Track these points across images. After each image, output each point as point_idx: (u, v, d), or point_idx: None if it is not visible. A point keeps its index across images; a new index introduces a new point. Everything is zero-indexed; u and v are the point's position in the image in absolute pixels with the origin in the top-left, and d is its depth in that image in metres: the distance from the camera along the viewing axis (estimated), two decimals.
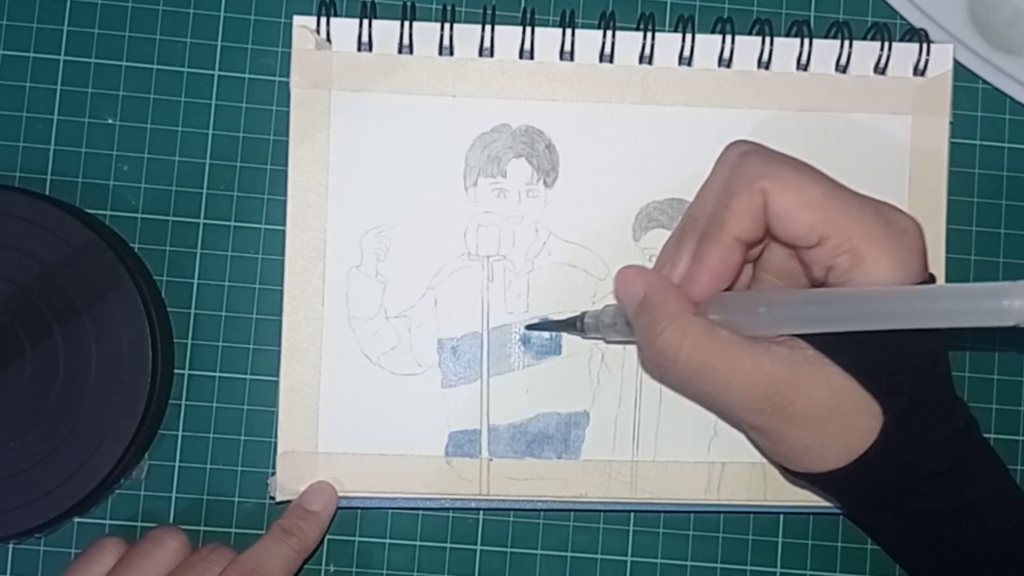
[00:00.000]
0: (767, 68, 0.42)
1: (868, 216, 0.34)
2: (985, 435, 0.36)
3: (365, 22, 0.41)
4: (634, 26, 0.42)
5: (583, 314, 0.41)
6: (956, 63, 0.43)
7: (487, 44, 0.42)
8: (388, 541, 0.43)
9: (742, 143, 0.36)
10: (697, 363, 0.34)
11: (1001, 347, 0.44)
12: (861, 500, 0.36)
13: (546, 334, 0.42)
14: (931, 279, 0.35)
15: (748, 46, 0.42)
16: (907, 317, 0.31)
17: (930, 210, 0.42)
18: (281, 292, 0.41)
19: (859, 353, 0.34)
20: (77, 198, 0.43)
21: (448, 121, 0.42)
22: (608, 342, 0.41)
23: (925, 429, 0.34)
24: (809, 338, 0.34)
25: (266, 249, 0.43)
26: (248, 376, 0.42)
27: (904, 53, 0.43)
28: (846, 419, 0.34)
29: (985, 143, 0.45)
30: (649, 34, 0.42)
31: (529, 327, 0.42)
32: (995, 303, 0.29)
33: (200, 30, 0.43)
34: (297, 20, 0.41)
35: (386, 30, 0.41)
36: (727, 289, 0.36)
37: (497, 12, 0.42)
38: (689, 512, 0.43)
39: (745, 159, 0.35)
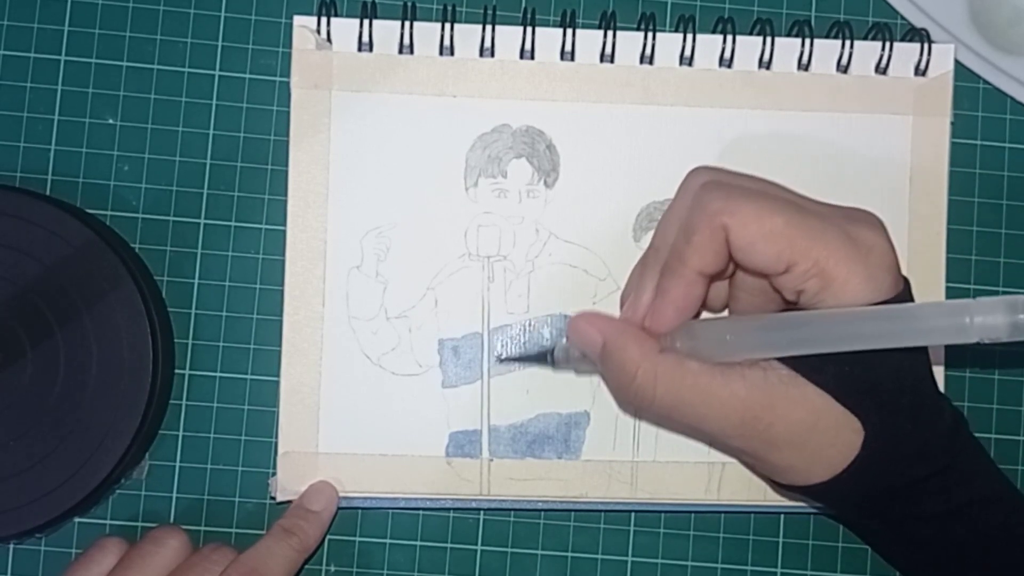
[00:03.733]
0: (768, 68, 0.42)
1: (834, 238, 0.33)
2: (985, 435, 0.36)
3: (365, 22, 0.41)
4: (635, 26, 0.42)
5: (553, 347, 0.40)
6: (957, 63, 0.43)
7: (487, 44, 0.42)
8: (388, 541, 0.43)
9: (702, 171, 0.36)
10: (672, 400, 0.34)
11: (1002, 345, 0.44)
12: (849, 508, 0.37)
13: (547, 334, 0.42)
14: (905, 289, 0.35)
15: (749, 46, 0.42)
16: (873, 338, 0.31)
17: (931, 210, 0.42)
18: (281, 292, 0.41)
19: (834, 371, 0.33)
20: (78, 198, 0.43)
21: (448, 121, 0.42)
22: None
23: (907, 438, 0.34)
24: (783, 358, 0.34)
25: (266, 249, 0.43)
26: (248, 376, 0.42)
27: (905, 53, 0.42)
28: (826, 436, 0.34)
29: (986, 143, 0.45)
30: (650, 34, 0.42)
31: (501, 360, 0.41)
32: (957, 321, 0.30)
33: (200, 30, 0.43)
34: (297, 20, 0.41)
35: (386, 30, 0.41)
36: (695, 315, 0.36)
37: (498, 12, 0.42)
38: (689, 512, 0.43)
39: (705, 193, 0.34)
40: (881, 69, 0.43)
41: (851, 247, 0.33)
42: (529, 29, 0.42)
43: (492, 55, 0.42)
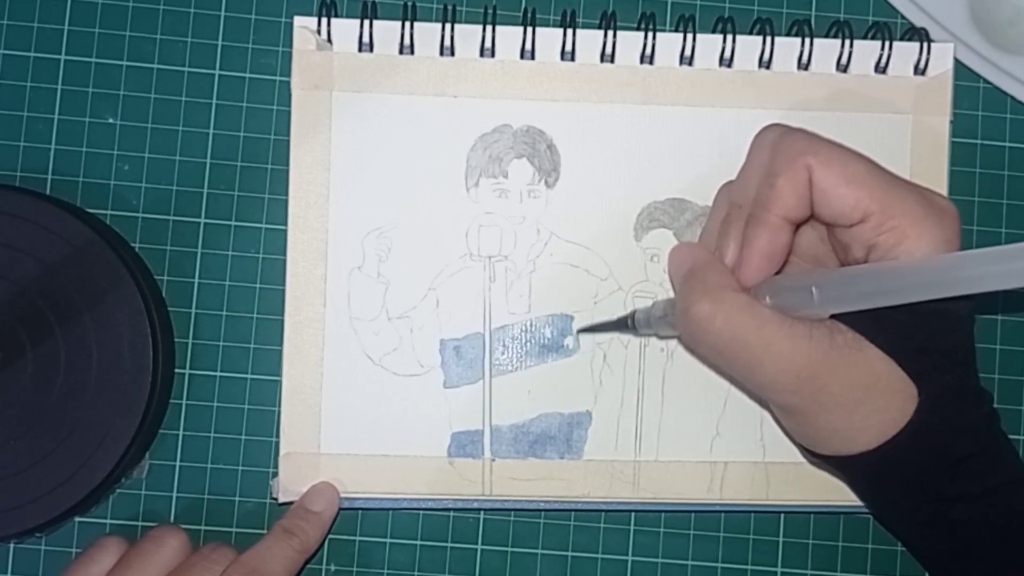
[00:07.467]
0: (768, 68, 0.42)
1: (910, 195, 0.34)
2: None
3: (366, 22, 0.41)
4: (635, 26, 0.42)
5: (634, 312, 0.40)
6: (957, 62, 0.43)
7: (488, 44, 0.42)
8: (389, 540, 0.43)
9: (777, 126, 0.36)
10: (730, 336, 0.34)
11: (1002, 344, 0.44)
12: (886, 484, 0.36)
13: (547, 333, 0.42)
14: None
15: (749, 46, 0.42)
16: (961, 283, 0.31)
17: None
18: (282, 291, 0.41)
19: (898, 333, 0.34)
20: (78, 198, 0.42)
21: (449, 122, 0.42)
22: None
23: (956, 412, 0.34)
24: (848, 320, 0.34)
25: (267, 249, 0.43)
26: (249, 376, 0.42)
27: (905, 52, 0.43)
28: (880, 401, 0.34)
29: (986, 142, 0.45)
30: (650, 34, 0.42)
31: (581, 331, 0.41)
32: None
33: (201, 30, 0.43)
34: (298, 20, 0.41)
35: (387, 30, 0.41)
36: (777, 272, 0.36)
37: (498, 12, 0.42)
38: (691, 512, 0.43)
39: (786, 138, 0.35)
40: (881, 68, 0.43)
41: (927, 207, 0.34)
42: (529, 29, 0.42)
43: (492, 55, 0.42)
